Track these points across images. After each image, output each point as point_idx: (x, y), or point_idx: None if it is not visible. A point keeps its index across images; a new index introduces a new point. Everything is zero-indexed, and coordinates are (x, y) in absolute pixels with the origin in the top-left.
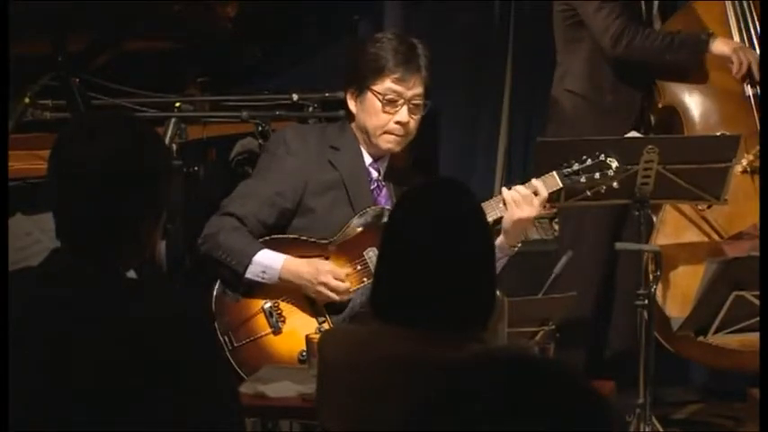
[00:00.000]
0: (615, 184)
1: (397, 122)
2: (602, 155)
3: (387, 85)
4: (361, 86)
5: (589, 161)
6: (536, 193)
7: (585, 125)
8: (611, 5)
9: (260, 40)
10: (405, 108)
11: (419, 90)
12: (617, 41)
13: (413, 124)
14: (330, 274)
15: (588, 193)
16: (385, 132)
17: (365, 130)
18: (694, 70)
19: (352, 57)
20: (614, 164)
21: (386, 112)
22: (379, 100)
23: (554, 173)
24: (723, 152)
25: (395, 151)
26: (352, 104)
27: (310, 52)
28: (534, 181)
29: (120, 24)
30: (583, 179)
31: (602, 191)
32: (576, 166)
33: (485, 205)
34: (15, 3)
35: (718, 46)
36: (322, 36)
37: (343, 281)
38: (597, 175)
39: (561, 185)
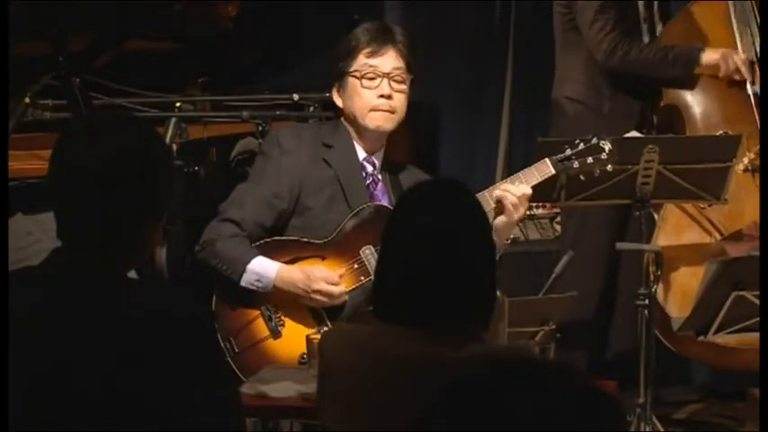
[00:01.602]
0: (609, 167)
1: (381, 96)
2: (595, 138)
3: (362, 61)
4: (340, 75)
5: (582, 145)
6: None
7: (587, 131)
8: (606, 18)
9: (260, 40)
10: (384, 81)
11: (396, 63)
12: (610, 55)
13: (398, 98)
14: (322, 281)
15: (582, 178)
16: (371, 110)
17: (354, 118)
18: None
19: (332, 55)
20: (607, 146)
21: (366, 87)
22: (357, 77)
23: (546, 159)
24: (723, 152)
25: (386, 129)
26: (337, 98)
27: (311, 52)
28: (520, 185)
29: (120, 24)
30: (576, 164)
31: (597, 173)
32: (568, 151)
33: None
34: (15, 3)
35: (708, 56)
36: (322, 36)
37: (337, 283)
38: (590, 159)
39: (554, 171)
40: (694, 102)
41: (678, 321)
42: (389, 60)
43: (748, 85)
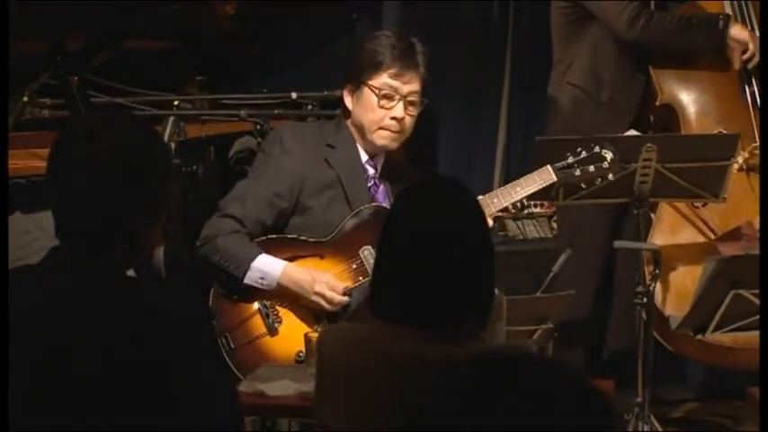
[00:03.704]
0: (611, 176)
1: (393, 118)
2: (597, 147)
3: (383, 80)
4: (357, 82)
5: (584, 153)
6: None
7: (582, 119)
8: None
9: (259, 39)
10: (401, 104)
11: (415, 87)
12: (632, 24)
13: (408, 121)
14: (326, 285)
15: (583, 186)
16: (380, 128)
17: (361, 126)
18: (693, 66)
19: (350, 54)
20: (609, 156)
21: (381, 107)
22: (376, 95)
23: (548, 166)
24: (722, 150)
25: (390, 148)
26: (348, 101)
27: (309, 51)
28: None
29: (119, 23)
30: (577, 172)
31: (598, 183)
32: (570, 159)
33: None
34: (15, 2)
35: (737, 31)
36: (321, 35)
37: (339, 292)
38: (592, 168)
39: (556, 179)
40: (690, 101)
41: (676, 320)
42: (410, 85)
43: (744, 85)
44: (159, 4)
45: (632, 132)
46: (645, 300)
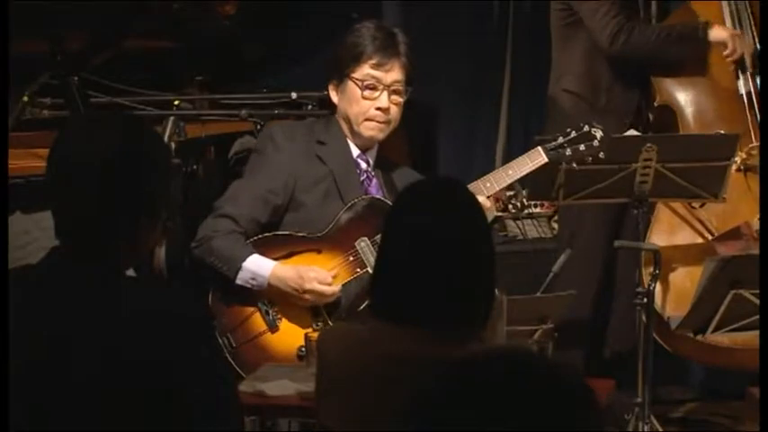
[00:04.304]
0: (602, 155)
1: (378, 108)
2: (587, 126)
3: (365, 71)
4: (341, 75)
5: (573, 133)
6: None
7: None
8: (609, 4)
9: (259, 39)
10: (384, 94)
11: (399, 76)
12: (614, 39)
13: (394, 111)
14: (315, 281)
15: (575, 166)
16: (366, 119)
17: (347, 119)
18: (690, 68)
19: (334, 49)
20: (599, 133)
21: (366, 98)
22: (359, 86)
23: (539, 148)
24: (722, 150)
25: (378, 139)
26: (334, 95)
27: (309, 51)
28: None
29: (118, 23)
30: (568, 152)
31: (589, 160)
32: (560, 140)
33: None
34: (15, 3)
35: (716, 32)
36: (321, 35)
37: (329, 283)
38: (582, 147)
39: (546, 159)
40: (688, 101)
41: (676, 321)
42: (392, 74)
43: (741, 85)
44: (159, 3)
45: (632, 132)
46: (645, 300)
